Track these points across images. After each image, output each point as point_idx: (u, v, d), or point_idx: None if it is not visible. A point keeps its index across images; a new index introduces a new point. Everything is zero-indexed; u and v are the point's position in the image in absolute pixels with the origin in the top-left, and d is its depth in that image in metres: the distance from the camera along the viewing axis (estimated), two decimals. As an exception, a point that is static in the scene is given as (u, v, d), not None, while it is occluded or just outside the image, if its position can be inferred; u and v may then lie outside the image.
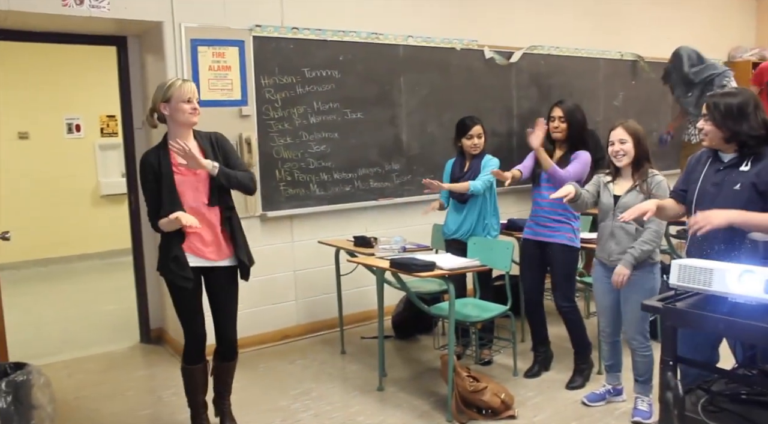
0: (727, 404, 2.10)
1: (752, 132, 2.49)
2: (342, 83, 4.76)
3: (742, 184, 2.47)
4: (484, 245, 3.88)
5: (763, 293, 1.92)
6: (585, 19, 6.20)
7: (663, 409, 2.13)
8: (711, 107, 2.56)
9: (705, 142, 2.61)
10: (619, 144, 3.12)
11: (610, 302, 3.28)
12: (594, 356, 3.78)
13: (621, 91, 6.49)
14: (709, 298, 2.10)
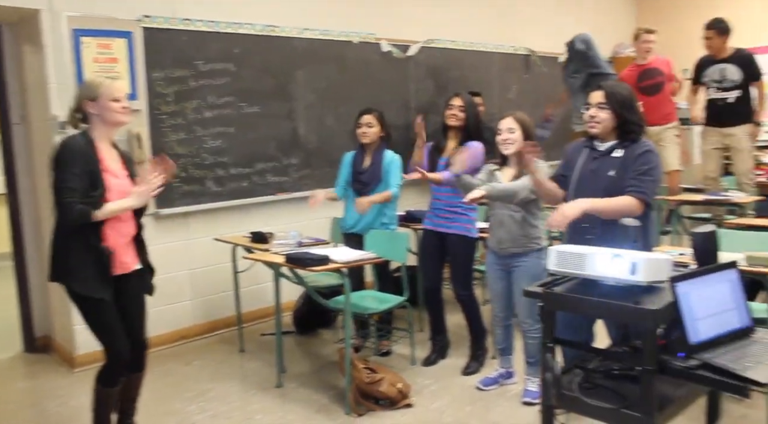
0: (602, 380, 2.22)
1: (639, 121, 2.68)
2: (237, 76, 4.66)
3: (616, 171, 2.63)
4: (380, 238, 3.91)
5: (629, 274, 2.04)
6: (480, 14, 6.37)
7: (543, 388, 2.22)
8: (610, 96, 2.68)
9: (596, 129, 2.71)
10: (507, 133, 3.23)
11: (501, 288, 3.40)
12: (489, 342, 3.90)
13: (514, 84, 6.72)
14: (584, 282, 2.21)
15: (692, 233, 2.32)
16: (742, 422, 3.09)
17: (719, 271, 2.13)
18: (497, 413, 3.30)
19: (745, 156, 5.61)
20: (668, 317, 2.01)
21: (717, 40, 5.50)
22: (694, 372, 1.92)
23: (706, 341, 1.99)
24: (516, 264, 3.28)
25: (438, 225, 3.81)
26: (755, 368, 1.86)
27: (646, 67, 5.94)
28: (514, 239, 3.26)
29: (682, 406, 2.20)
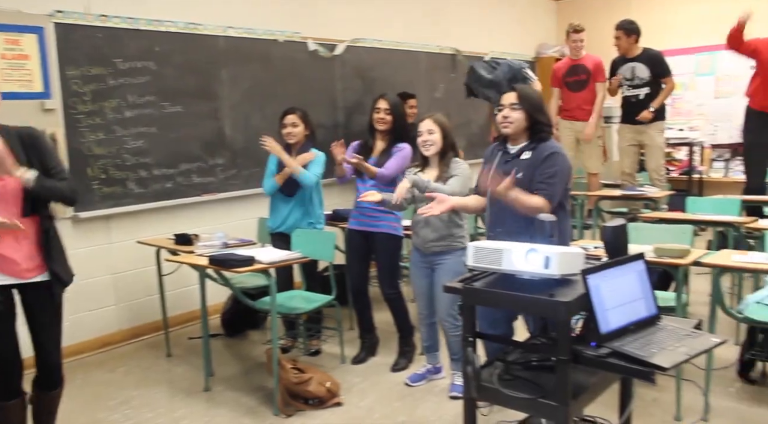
0: (521, 372, 2.28)
1: (549, 123, 2.79)
2: (159, 75, 4.54)
3: (524, 173, 2.74)
4: (307, 237, 3.90)
5: (543, 268, 2.11)
6: (406, 13, 6.43)
7: (464, 381, 2.27)
8: (522, 97, 2.78)
9: (508, 129, 2.81)
10: (428, 134, 3.28)
11: (425, 286, 3.45)
12: (417, 338, 3.95)
13: (441, 83, 6.82)
14: (502, 276, 2.27)
15: (603, 227, 2.42)
16: (654, 405, 3.24)
17: (628, 263, 2.22)
18: (425, 408, 3.35)
19: (655, 153, 5.88)
20: (580, 308, 2.09)
21: (625, 40, 5.75)
22: (604, 360, 2.00)
23: (616, 330, 2.08)
24: (439, 262, 3.33)
25: (364, 224, 3.83)
26: (660, 354, 1.95)
27: (576, 63, 6.15)
28: (439, 238, 3.31)
29: (596, 392, 2.29)
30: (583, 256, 2.26)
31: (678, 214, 4.46)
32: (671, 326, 2.18)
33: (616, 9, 8.00)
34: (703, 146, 7.53)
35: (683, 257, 2.95)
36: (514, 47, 7.77)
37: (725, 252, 3.22)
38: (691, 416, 3.09)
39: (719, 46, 7.17)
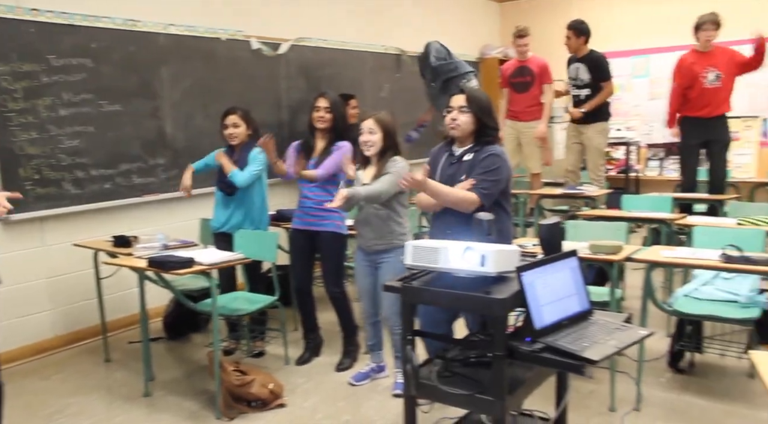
0: (460, 368, 2.32)
1: (495, 126, 2.83)
2: (96, 73, 4.41)
3: (467, 174, 2.78)
4: (249, 238, 3.86)
5: (480, 266, 2.15)
6: (350, 13, 6.43)
7: (404, 379, 2.29)
8: (471, 100, 2.81)
9: (456, 132, 2.84)
10: (368, 134, 3.29)
11: (369, 285, 3.46)
12: (362, 338, 3.96)
13: (386, 83, 6.85)
14: (441, 274, 2.31)
15: (539, 225, 2.48)
16: (590, 397, 3.34)
17: (562, 259, 2.28)
18: (369, 407, 3.36)
19: (593, 153, 6.04)
20: (516, 304, 2.14)
21: (574, 41, 5.89)
22: (538, 355, 2.05)
23: (550, 325, 2.13)
24: (381, 260, 3.35)
25: (308, 224, 3.82)
26: (591, 348, 2.02)
27: (522, 65, 6.27)
28: (379, 236, 3.33)
29: (532, 386, 2.35)
30: (519, 253, 2.31)
31: (614, 211, 4.60)
32: (603, 320, 2.25)
33: (557, 11, 8.20)
34: (639, 146, 7.79)
35: (616, 253, 3.05)
36: (458, 48, 7.80)
37: (655, 248, 3.34)
38: (625, 407, 3.20)
39: (653, 50, 7.48)
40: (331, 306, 3.89)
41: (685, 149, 5.65)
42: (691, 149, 5.56)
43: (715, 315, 3.19)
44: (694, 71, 5.40)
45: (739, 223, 3.82)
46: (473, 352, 2.36)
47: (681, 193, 5.40)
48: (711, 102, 5.37)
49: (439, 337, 2.59)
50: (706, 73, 5.34)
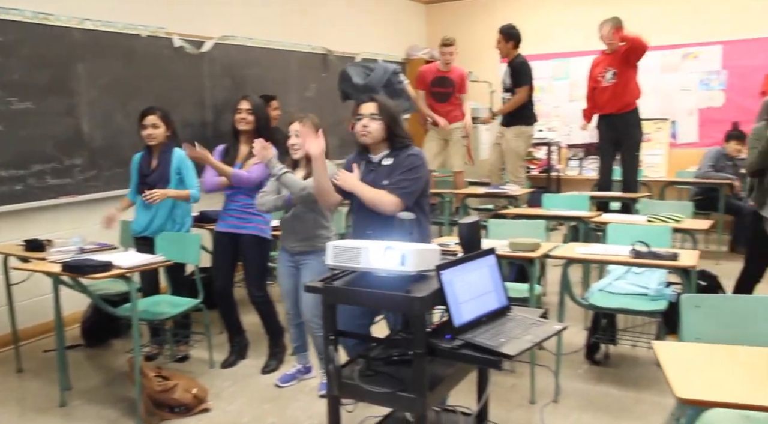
0: (382, 367, 2.34)
1: (405, 135, 2.85)
2: (4, 68, 4.20)
3: (389, 180, 2.79)
4: (172, 240, 3.78)
5: (400, 265, 2.18)
6: (276, 12, 6.37)
7: (327, 379, 2.30)
8: (382, 108, 2.82)
9: (367, 139, 2.84)
10: (296, 137, 3.27)
11: (291, 286, 3.45)
12: (288, 339, 3.93)
13: (313, 83, 6.82)
14: (363, 274, 2.32)
15: (458, 224, 2.54)
16: (512, 390, 3.44)
17: (480, 257, 2.34)
18: (295, 408, 3.35)
19: (512, 156, 6.20)
20: (435, 302, 2.18)
21: (503, 45, 6.03)
22: (458, 351, 2.09)
23: (469, 322, 2.18)
24: (304, 262, 3.34)
25: (232, 226, 3.77)
26: (508, 343, 2.07)
27: (443, 75, 6.34)
28: (304, 239, 3.32)
29: (454, 382, 2.40)
30: (439, 252, 2.35)
31: (535, 210, 4.75)
32: (520, 316, 2.33)
33: (482, 14, 8.38)
34: (560, 146, 8.06)
35: (534, 251, 3.15)
36: (384, 49, 7.93)
37: (571, 245, 3.47)
38: (545, 399, 3.31)
39: (573, 53, 7.75)
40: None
41: (600, 148, 5.92)
42: (605, 148, 5.81)
43: (626, 308, 3.34)
44: (597, 71, 5.71)
45: (649, 220, 4.02)
46: (395, 350, 2.40)
47: (596, 192, 5.63)
48: (612, 99, 5.63)
49: (362, 336, 2.61)
50: (605, 72, 5.63)
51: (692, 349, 2.06)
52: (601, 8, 6.99)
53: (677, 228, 3.87)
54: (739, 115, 6.88)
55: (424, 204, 2.91)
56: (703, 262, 5.27)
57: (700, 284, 4.14)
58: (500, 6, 8.29)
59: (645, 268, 3.42)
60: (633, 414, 3.17)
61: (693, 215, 4.44)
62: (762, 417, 2.09)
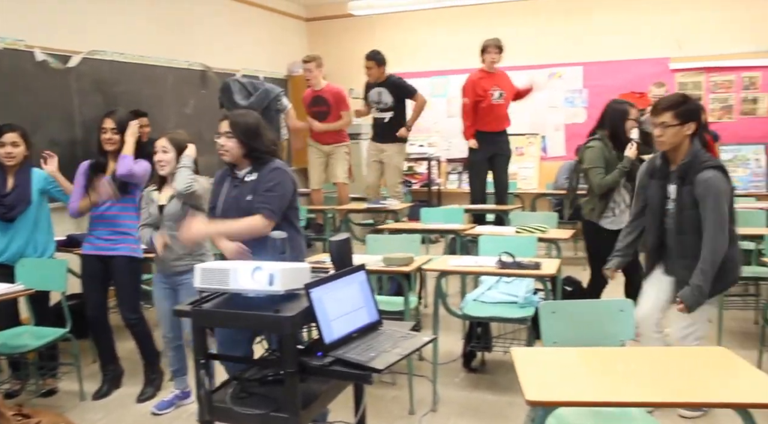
0: (257, 388, 2.33)
1: (267, 149, 2.85)
2: None
3: (253, 195, 2.79)
4: (34, 267, 3.56)
5: (268, 285, 2.18)
6: (149, 26, 6.18)
7: (198, 404, 2.25)
8: (234, 125, 2.81)
9: (226, 157, 2.84)
10: (162, 153, 3.20)
11: (168, 308, 3.34)
12: (165, 364, 3.80)
13: (191, 99, 6.67)
14: (231, 296, 2.30)
15: (329, 242, 2.57)
16: (393, 402, 3.50)
17: (350, 274, 2.39)
18: (172, 436, 3.24)
19: (393, 171, 6.37)
20: (306, 321, 2.20)
21: (376, 70, 6.18)
22: (328, 368, 2.11)
23: (340, 338, 2.22)
24: (181, 282, 3.27)
25: (100, 248, 3.61)
26: (378, 358, 2.12)
27: (317, 95, 6.39)
28: (179, 258, 3.25)
29: (329, 399, 2.43)
30: (309, 270, 2.37)
31: (414, 223, 4.89)
32: (390, 329, 2.38)
33: (362, 31, 8.54)
34: (439, 160, 8.34)
35: (408, 265, 3.25)
36: (266, 65, 7.89)
37: (445, 257, 3.61)
38: (424, 408, 3.40)
39: (451, 71, 8.06)
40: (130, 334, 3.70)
41: (474, 163, 6.18)
42: (480, 163, 6.10)
43: (498, 316, 3.51)
44: (483, 88, 5.98)
45: (517, 231, 4.25)
46: (270, 370, 2.39)
47: (471, 205, 5.88)
48: (497, 118, 5.97)
49: (234, 358, 2.58)
50: (493, 91, 5.93)
51: (547, 353, 2.20)
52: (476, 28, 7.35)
53: (542, 238, 4.10)
54: (600, 131, 7.43)
55: (292, 218, 2.91)
56: (571, 268, 5.67)
57: (566, 289, 4.43)
58: (379, 24, 8.49)
59: (514, 277, 3.61)
60: (507, 418, 3.32)
61: (558, 224, 4.73)
62: (611, 411, 2.27)
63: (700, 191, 2.86)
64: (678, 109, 2.92)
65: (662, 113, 2.93)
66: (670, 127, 2.92)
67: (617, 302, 2.53)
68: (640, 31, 7.49)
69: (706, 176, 2.86)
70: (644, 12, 7.46)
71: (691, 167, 2.91)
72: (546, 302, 2.51)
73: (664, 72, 7.36)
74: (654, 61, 7.44)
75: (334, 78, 6.55)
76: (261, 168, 2.82)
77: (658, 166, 3.06)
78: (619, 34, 7.55)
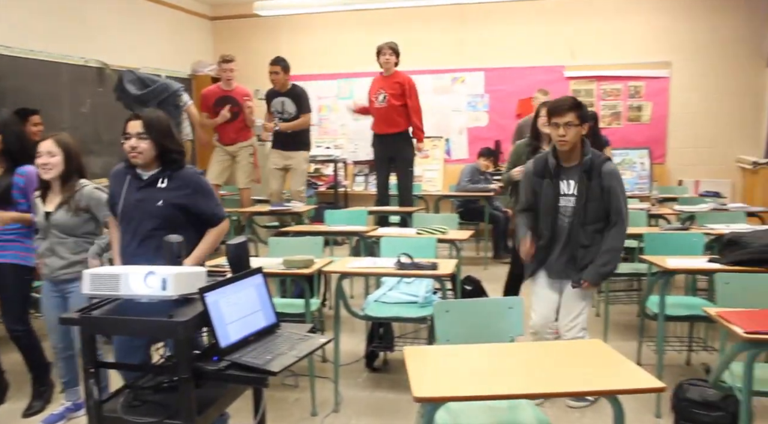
0: (151, 396, 2.28)
1: (179, 149, 2.78)
2: None
3: (164, 201, 2.71)
4: None
5: (161, 290, 2.14)
6: (41, 20, 5.87)
7: (87, 414, 2.18)
8: (149, 125, 2.70)
9: (138, 160, 2.72)
10: (48, 156, 3.06)
11: (57, 317, 3.20)
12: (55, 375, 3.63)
13: (88, 97, 6.39)
14: (124, 302, 2.25)
15: (226, 245, 2.55)
16: (295, 405, 3.51)
17: (247, 277, 2.38)
18: (61, 450, 3.11)
19: (299, 177, 6.36)
20: (200, 325, 2.18)
21: (282, 76, 6.12)
22: (224, 373, 2.10)
23: (236, 342, 2.21)
24: (71, 290, 3.14)
25: (-18, 255, 3.41)
26: (274, 360, 2.13)
27: (226, 94, 6.26)
28: (67, 265, 3.12)
29: (226, 404, 2.41)
30: (205, 274, 2.35)
31: (318, 226, 4.90)
32: (288, 332, 2.39)
33: (268, 32, 8.46)
34: (346, 163, 8.39)
35: (308, 267, 3.26)
36: (168, 64, 7.67)
37: (345, 259, 3.65)
38: (326, 410, 3.42)
39: (357, 74, 8.13)
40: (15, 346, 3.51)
41: (375, 164, 6.30)
42: (379, 164, 6.21)
43: (398, 316, 3.58)
44: (371, 91, 6.12)
45: (418, 232, 4.35)
46: (165, 377, 2.34)
47: (374, 207, 5.97)
48: (384, 120, 6.07)
49: (127, 366, 2.51)
50: (377, 94, 6.05)
51: (438, 351, 2.28)
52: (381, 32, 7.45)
53: (442, 239, 4.23)
54: (500, 134, 7.77)
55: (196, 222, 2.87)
56: (472, 268, 5.88)
57: (465, 288, 4.58)
58: (286, 26, 8.45)
59: (414, 277, 3.70)
60: (407, 415, 3.39)
61: (459, 225, 4.88)
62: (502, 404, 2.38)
63: (608, 181, 3.14)
64: (579, 110, 3.14)
65: (567, 113, 3.12)
66: (573, 127, 3.11)
67: (507, 299, 2.65)
68: (537, 40, 7.85)
69: (610, 168, 3.17)
70: (541, 22, 7.82)
71: (594, 163, 3.17)
72: (439, 301, 2.60)
73: (559, 79, 7.75)
74: (550, 69, 7.81)
75: (237, 79, 6.44)
76: (175, 172, 2.75)
77: (552, 165, 3.23)
78: (518, 42, 7.88)
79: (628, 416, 1.95)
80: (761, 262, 3.07)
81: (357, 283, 5.59)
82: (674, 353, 4.05)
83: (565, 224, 3.23)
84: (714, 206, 5.31)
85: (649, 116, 7.70)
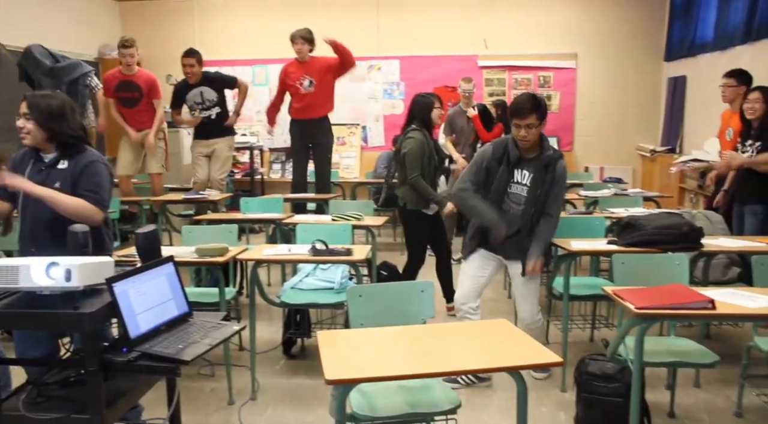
0: (58, 391, 2.21)
1: (72, 132, 2.68)
2: None
3: (62, 183, 2.64)
4: None
5: (65, 281, 2.08)
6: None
7: (-20, 416, 2.09)
8: (32, 107, 2.62)
9: (27, 141, 2.66)
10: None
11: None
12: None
13: (-18, 81, 6.01)
14: (25, 294, 2.16)
15: (135, 234, 2.50)
16: (212, 394, 3.48)
17: (157, 266, 2.34)
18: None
19: (220, 164, 6.25)
20: (109, 316, 2.12)
21: (198, 68, 5.97)
22: (134, 364, 2.06)
23: (147, 332, 2.17)
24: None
25: None
26: (186, 350, 2.11)
27: (127, 79, 6.04)
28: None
29: (137, 396, 2.37)
30: (113, 264, 2.30)
31: (233, 214, 4.84)
32: (201, 320, 2.37)
33: (179, 16, 8.21)
34: (262, 150, 8.29)
35: (222, 255, 3.23)
36: (73, 46, 7.30)
37: (259, 247, 3.63)
38: (243, 398, 3.41)
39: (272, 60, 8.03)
40: None
41: (293, 151, 6.27)
42: (299, 151, 6.19)
43: (314, 302, 3.60)
44: (292, 78, 6.05)
45: (333, 219, 4.38)
46: (72, 371, 2.28)
47: (291, 194, 5.95)
48: (308, 106, 6.04)
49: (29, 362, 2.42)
50: (302, 79, 6.01)
51: (351, 334, 2.33)
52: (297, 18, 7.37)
53: (357, 225, 4.27)
54: (416, 122, 7.85)
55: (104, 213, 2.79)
56: (389, 254, 5.96)
57: (381, 273, 4.65)
58: (198, 10, 8.21)
59: (330, 264, 3.73)
60: (324, 401, 3.40)
61: (374, 212, 4.94)
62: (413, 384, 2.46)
63: (560, 177, 3.34)
64: (539, 110, 3.25)
65: (529, 116, 3.23)
66: (535, 128, 3.24)
67: (419, 283, 2.72)
68: (452, 30, 8.00)
69: (563, 165, 3.38)
70: (456, 12, 7.97)
71: (553, 157, 3.33)
72: (352, 286, 2.64)
73: (473, 68, 7.93)
74: (464, 58, 7.98)
75: (148, 64, 6.23)
76: (73, 156, 2.67)
77: (515, 155, 3.34)
78: (433, 31, 8.00)
79: (537, 391, 2.07)
80: (653, 243, 3.29)
81: (274, 271, 5.57)
82: (579, 330, 4.28)
83: (514, 211, 3.38)
84: (615, 192, 5.61)
85: (558, 105, 8.02)
